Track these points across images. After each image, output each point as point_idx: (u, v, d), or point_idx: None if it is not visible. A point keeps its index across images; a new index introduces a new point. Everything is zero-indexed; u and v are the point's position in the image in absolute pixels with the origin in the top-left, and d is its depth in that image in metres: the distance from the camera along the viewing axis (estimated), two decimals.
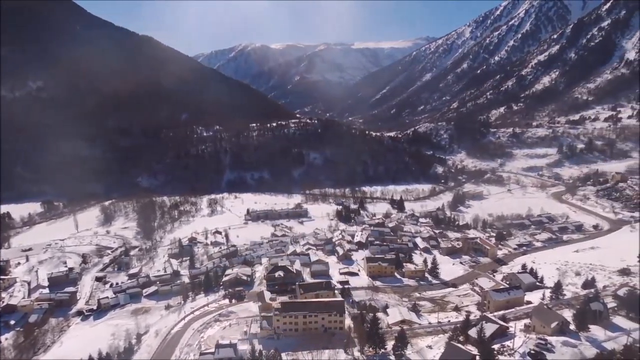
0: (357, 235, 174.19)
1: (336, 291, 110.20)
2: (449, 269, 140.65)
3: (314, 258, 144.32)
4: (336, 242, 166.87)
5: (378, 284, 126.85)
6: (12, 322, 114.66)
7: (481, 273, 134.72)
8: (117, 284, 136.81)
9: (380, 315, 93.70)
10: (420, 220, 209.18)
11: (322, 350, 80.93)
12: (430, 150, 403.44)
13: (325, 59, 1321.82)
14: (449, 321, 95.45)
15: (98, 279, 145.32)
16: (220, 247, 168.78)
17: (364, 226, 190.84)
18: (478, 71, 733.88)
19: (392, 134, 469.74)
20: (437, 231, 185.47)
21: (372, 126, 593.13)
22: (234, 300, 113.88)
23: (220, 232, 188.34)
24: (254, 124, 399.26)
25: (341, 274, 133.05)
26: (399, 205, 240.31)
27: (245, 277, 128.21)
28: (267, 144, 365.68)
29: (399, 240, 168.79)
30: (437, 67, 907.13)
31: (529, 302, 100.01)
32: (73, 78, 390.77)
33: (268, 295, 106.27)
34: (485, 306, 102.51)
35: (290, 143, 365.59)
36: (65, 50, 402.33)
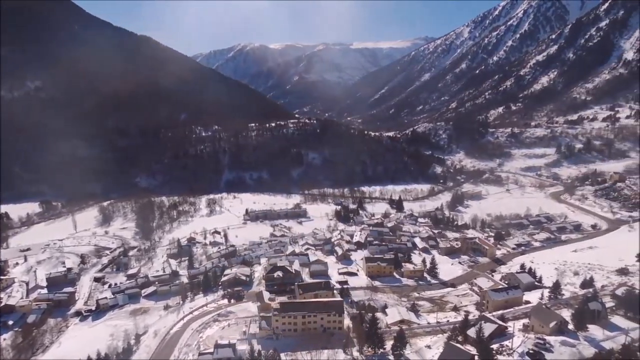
0: (356, 235, 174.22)
1: (335, 291, 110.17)
2: (448, 268, 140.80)
3: (312, 258, 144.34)
4: (335, 242, 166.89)
5: (377, 284, 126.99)
6: (11, 323, 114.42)
7: (480, 273, 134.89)
8: (116, 284, 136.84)
9: (379, 315, 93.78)
10: (419, 220, 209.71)
11: (321, 350, 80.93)
12: (429, 150, 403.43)
13: (324, 59, 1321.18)
14: (448, 321, 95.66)
15: (97, 280, 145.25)
16: (219, 247, 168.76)
17: (362, 226, 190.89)
18: (477, 71, 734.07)
19: (391, 134, 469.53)
20: (436, 231, 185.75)
21: (371, 126, 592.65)
22: (232, 301, 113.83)
23: (219, 232, 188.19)
24: (253, 124, 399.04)
25: (340, 274, 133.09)
26: (398, 205, 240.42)
27: (244, 277, 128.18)
28: (266, 144, 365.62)
29: (397, 240, 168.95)
30: (436, 67, 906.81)
31: (527, 302, 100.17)
32: (71, 78, 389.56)
33: (267, 295, 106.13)
34: (484, 306, 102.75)
35: (289, 143, 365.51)
36: (63, 50, 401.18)
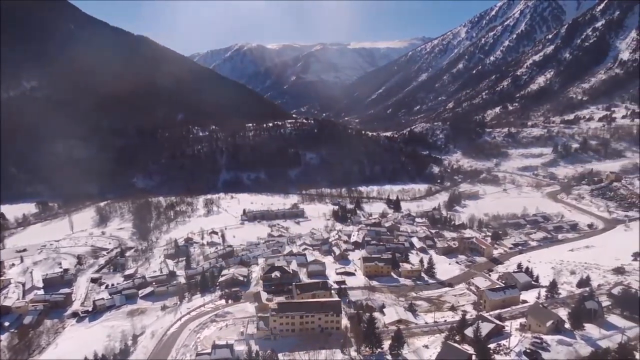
0: (354, 235, 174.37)
1: (333, 291, 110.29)
2: (445, 268, 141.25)
3: (310, 258, 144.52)
4: (333, 242, 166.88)
5: (375, 283, 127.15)
6: (7, 324, 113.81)
7: (477, 272, 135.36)
8: (113, 285, 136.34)
9: (376, 315, 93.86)
10: (417, 220, 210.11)
11: (319, 350, 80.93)
12: (426, 150, 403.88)
13: (321, 59, 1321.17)
14: (445, 321, 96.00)
15: (93, 280, 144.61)
16: (217, 248, 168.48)
17: (360, 226, 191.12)
18: (473, 71, 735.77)
19: (388, 134, 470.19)
20: (434, 231, 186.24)
21: (368, 126, 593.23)
22: (230, 301, 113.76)
23: (216, 233, 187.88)
24: (250, 124, 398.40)
25: (338, 274, 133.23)
26: (395, 205, 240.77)
27: (241, 278, 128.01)
28: (264, 144, 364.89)
29: (395, 240, 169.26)
30: (433, 67, 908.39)
31: (524, 301, 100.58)
32: (68, 78, 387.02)
33: (265, 295, 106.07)
34: (481, 305, 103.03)
35: (287, 143, 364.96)
36: (59, 50, 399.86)
